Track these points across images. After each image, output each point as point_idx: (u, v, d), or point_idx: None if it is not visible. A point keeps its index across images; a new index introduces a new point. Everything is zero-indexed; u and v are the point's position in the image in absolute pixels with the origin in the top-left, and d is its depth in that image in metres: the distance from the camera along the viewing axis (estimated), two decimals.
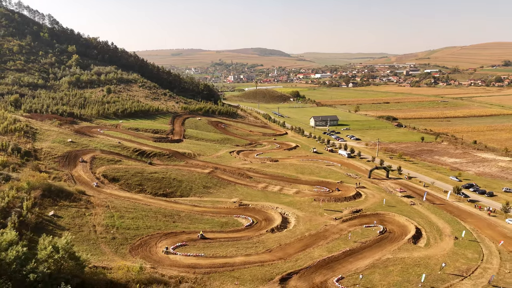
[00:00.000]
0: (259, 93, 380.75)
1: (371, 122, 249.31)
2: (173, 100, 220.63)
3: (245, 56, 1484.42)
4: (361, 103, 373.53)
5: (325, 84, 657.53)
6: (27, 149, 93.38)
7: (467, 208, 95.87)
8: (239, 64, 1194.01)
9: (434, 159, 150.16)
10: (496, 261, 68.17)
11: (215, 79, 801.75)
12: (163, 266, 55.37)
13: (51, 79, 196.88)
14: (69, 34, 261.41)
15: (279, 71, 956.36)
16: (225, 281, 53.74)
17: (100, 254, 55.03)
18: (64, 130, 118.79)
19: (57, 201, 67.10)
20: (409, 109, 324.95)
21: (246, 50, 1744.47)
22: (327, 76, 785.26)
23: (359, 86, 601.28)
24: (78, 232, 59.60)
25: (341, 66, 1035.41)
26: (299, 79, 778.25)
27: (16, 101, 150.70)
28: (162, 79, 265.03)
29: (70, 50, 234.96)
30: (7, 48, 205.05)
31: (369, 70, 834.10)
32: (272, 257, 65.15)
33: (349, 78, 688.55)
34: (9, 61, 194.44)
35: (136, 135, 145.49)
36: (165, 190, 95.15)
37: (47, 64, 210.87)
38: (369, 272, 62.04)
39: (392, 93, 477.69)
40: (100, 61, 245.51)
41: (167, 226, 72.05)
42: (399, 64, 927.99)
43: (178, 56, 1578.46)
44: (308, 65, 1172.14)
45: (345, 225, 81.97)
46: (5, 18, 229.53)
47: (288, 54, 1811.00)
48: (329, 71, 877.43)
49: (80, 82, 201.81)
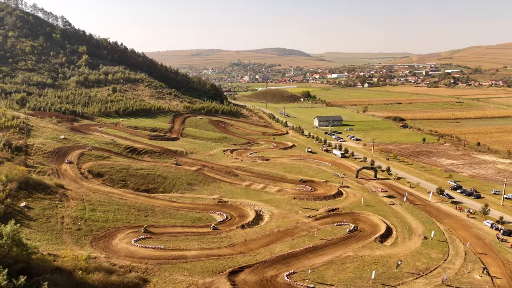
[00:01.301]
0: (269, 93, 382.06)
1: (377, 123, 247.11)
2: (177, 100, 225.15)
3: (264, 56, 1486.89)
4: (372, 103, 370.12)
5: (340, 84, 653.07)
6: (19, 145, 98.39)
7: (447, 209, 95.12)
8: (257, 64, 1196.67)
9: (430, 160, 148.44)
10: (459, 262, 67.97)
11: (231, 79, 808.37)
12: (118, 256, 58.14)
13: (60, 78, 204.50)
14: (81, 35, 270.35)
15: (296, 71, 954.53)
16: (175, 272, 56.02)
17: (60, 243, 58.30)
18: (59, 127, 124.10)
19: (32, 194, 71.01)
20: (421, 110, 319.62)
21: (265, 50, 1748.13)
22: (344, 76, 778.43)
23: (374, 87, 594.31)
24: (44, 223, 63.17)
25: (359, 66, 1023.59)
26: (314, 79, 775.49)
27: (23, 99, 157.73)
28: (170, 79, 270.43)
29: (81, 50, 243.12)
30: (19, 48, 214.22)
31: (387, 70, 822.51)
32: (232, 252, 67.06)
33: (365, 78, 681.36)
34: (21, 61, 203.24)
35: (133, 133, 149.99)
36: (147, 186, 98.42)
37: (57, 64, 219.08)
38: (324, 268, 63.14)
39: (407, 94, 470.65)
40: (110, 61, 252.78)
41: (137, 220, 74.99)
42: (419, 64, 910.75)
43: (197, 56, 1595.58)
44: (327, 65, 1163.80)
45: (317, 223, 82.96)
46: (20, 20, 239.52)
47: (307, 54, 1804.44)
48: (346, 71, 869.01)
49: (88, 81, 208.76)
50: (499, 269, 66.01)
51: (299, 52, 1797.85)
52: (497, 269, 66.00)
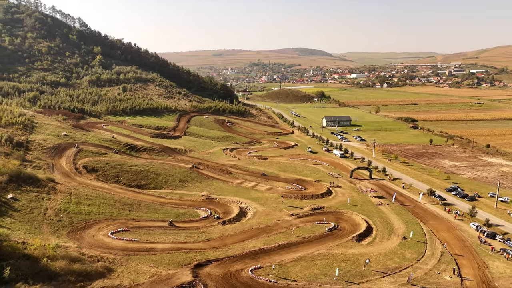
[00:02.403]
0: (283, 93, 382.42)
1: (387, 124, 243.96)
2: (186, 99, 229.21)
3: (285, 56, 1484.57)
4: (388, 104, 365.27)
5: (359, 84, 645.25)
6: (20, 140, 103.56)
7: (435, 210, 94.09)
8: (277, 64, 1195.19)
9: (433, 162, 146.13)
10: (432, 262, 67.66)
11: (249, 79, 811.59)
12: (91, 247, 61.04)
13: (74, 78, 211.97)
14: (97, 35, 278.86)
15: (315, 71, 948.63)
16: (142, 263, 58.42)
17: (37, 233, 61.72)
18: (62, 125, 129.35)
19: (22, 186, 75.09)
20: (436, 111, 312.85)
21: (286, 50, 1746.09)
22: (363, 76, 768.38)
23: (394, 87, 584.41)
24: (27, 214, 66.90)
25: (381, 66, 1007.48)
26: (333, 79, 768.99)
27: (35, 97, 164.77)
28: (181, 79, 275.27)
29: (96, 51, 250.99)
30: (36, 49, 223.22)
31: (408, 70, 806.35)
32: (206, 246, 69.01)
33: (385, 79, 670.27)
34: (37, 61, 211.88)
35: (137, 131, 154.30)
36: (140, 182, 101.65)
37: (72, 64, 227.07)
38: (292, 264, 64.22)
39: (426, 94, 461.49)
40: (123, 61, 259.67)
41: (120, 213, 78.04)
42: (443, 64, 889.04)
43: (219, 56, 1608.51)
44: (348, 65, 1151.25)
45: (298, 221, 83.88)
46: (38, 22, 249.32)
47: (329, 53, 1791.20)
48: (366, 71, 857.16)
49: (100, 80, 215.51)
50: (473, 271, 65.39)
51: (321, 52, 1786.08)
52: (471, 271, 65.41)
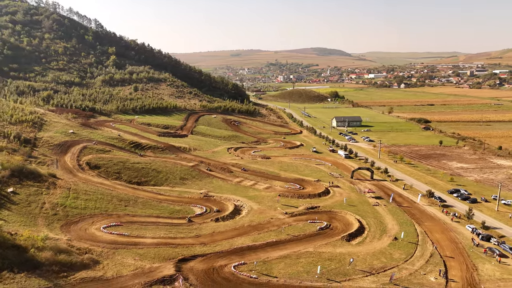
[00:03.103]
0: (296, 93, 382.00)
1: (399, 124, 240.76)
2: (196, 98, 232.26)
3: (303, 56, 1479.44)
4: (403, 104, 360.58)
5: (376, 84, 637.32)
6: (28, 137, 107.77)
7: (433, 212, 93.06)
8: (294, 64, 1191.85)
9: (439, 163, 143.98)
10: (420, 263, 67.25)
11: (265, 79, 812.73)
12: (81, 240, 63.44)
13: (88, 77, 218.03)
14: (112, 36, 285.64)
15: (333, 71, 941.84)
16: (128, 256, 60.36)
17: (32, 225, 64.57)
18: (70, 123, 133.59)
19: (23, 181, 78.42)
20: (452, 112, 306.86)
21: (305, 50, 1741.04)
22: (381, 77, 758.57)
23: (412, 87, 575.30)
24: (24, 207, 69.96)
25: (400, 66, 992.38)
26: (350, 79, 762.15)
27: (48, 96, 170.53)
28: (193, 78, 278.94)
29: (110, 51, 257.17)
30: (53, 49, 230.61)
31: (428, 70, 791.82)
32: (194, 242, 70.56)
33: (402, 79, 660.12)
34: (53, 61, 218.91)
35: (144, 130, 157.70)
36: (140, 179, 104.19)
37: (87, 64, 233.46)
38: (277, 261, 65.01)
39: (444, 95, 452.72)
40: (137, 61, 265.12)
41: (115, 208, 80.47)
42: (464, 64, 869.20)
43: (236, 56, 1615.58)
44: (367, 64, 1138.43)
45: (291, 220, 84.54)
46: (56, 23, 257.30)
47: (348, 53, 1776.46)
48: (385, 71, 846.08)
49: (113, 80, 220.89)
50: (460, 273, 64.72)
51: (340, 52, 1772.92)
52: (458, 273, 64.75)
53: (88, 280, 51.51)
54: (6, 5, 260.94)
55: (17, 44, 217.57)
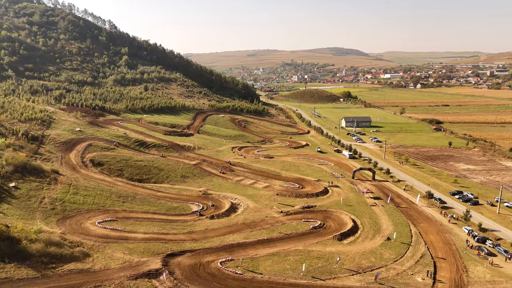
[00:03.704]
0: (307, 93, 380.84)
1: (409, 125, 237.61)
2: (206, 98, 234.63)
3: (319, 56, 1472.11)
4: (417, 105, 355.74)
5: (391, 84, 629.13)
6: (36, 135, 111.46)
7: (430, 213, 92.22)
8: (310, 64, 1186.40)
9: (446, 165, 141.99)
10: (409, 264, 67.05)
11: (279, 79, 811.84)
12: (74, 233, 65.65)
13: (100, 77, 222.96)
14: (125, 37, 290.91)
15: (349, 71, 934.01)
16: (117, 250, 62.21)
17: (29, 219, 67.19)
18: (78, 121, 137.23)
19: (25, 176, 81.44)
20: (467, 113, 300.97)
21: (321, 50, 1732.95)
22: (397, 77, 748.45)
23: (428, 87, 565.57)
24: (24, 201, 72.75)
25: (417, 65, 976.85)
26: (366, 79, 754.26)
27: (60, 95, 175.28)
28: (204, 78, 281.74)
29: (123, 51, 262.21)
30: (68, 50, 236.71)
31: (447, 70, 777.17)
32: (186, 238, 72.04)
33: (419, 79, 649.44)
34: (67, 61, 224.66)
35: (151, 128, 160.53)
36: (141, 176, 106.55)
37: (100, 64, 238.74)
38: (265, 258, 65.85)
39: (461, 96, 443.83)
40: (149, 62, 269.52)
41: (113, 204, 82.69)
42: (485, 64, 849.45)
43: (252, 56, 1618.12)
44: (384, 64, 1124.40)
45: (285, 218, 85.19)
46: (71, 24, 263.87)
47: (366, 53, 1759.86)
48: (401, 71, 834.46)
49: (124, 80, 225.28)
50: (449, 274, 64.31)
51: (357, 52, 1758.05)
52: (447, 274, 64.36)
53: (75, 271, 53.46)
54: (24, 6, 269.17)
55: (33, 44, 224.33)
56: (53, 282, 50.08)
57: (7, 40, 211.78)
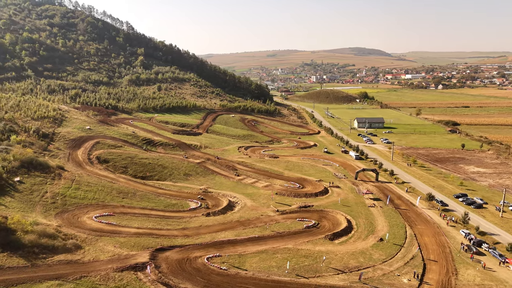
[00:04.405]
0: (323, 93, 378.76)
1: (424, 127, 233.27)
2: (218, 98, 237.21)
3: (340, 56, 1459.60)
4: (435, 106, 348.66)
5: (412, 85, 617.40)
6: (47, 132, 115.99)
7: (429, 215, 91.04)
8: (330, 64, 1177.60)
9: (455, 167, 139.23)
10: (398, 265, 66.79)
11: (297, 79, 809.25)
12: (70, 226, 68.45)
13: (116, 77, 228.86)
14: (142, 38, 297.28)
15: (369, 71, 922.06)
16: (109, 243, 64.56)
17: (29, 211, 70.46)
18: (89, 119, 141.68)
19: (31, 171, 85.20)
20: (487, 115, 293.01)
21: (342, 50, 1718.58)
22: (419, 77, 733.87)
23: (450, 88, 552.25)
24: (27, 195, 76.24)
25: (441, 66, 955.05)
26: (386, 80, 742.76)
27: (76, 95, 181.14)
28: (218, 78, 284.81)
29: (139, 52, 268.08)
30: (86, 51, 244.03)
31: (471, 71, 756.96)
32: (178, 234, 73.86)
33: (440, 80, 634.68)
34: (85, 61, 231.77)
35: (161, 127, 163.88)
36: (145, 173, 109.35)
37: (116, 64, 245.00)
38: (252, 255, 66.92)
39: (483, 97, 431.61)
40: (164, 62, 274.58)
41: (112, 200, 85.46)
42: (511, 64, 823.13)
43: (272, 57, 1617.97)
44: (406, 65, 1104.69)
45: (280, 217, 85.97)
46: (90, 26, 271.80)
47: (388, 53, 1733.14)
48: (424, 72, 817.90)
49: (139, 80, 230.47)
50: (438, 277, 63.74)
51: (379, 52, 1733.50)
52: (435, 276, 63.80)
53: (64, 262, 55.96)
54: (46, 9, 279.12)
55: (52, 45, 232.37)
56: (42, 272, 52.64)
57: (28, 41, 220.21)
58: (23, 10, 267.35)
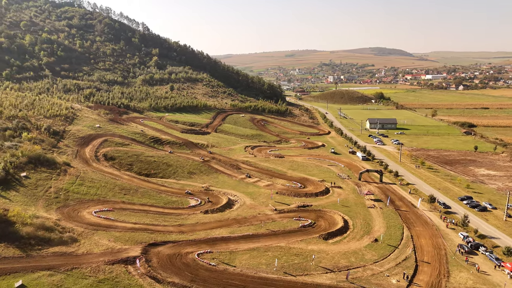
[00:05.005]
0: (338, 93, 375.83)
1: (438, 128, 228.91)
2: (229, 98, 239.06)
3: (360, 56, 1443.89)
4: (453, 107, 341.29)
5: (431, 85, 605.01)
6: (57, 130, 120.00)
7: (430, 217, 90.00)
8: (348, 64, 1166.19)
9: (465, 169, 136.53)
10: (389, 266, 66.65)
11: (315, 79, 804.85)
12: (69, 220, 71.02)
13: (130, 77, 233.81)
14: (157, 38, 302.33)
15: (389, 72, 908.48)
16: (104, 237, 66.74)
17: (31, 205, 73.42)
18: (99, 118, 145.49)
19: (37, 167, 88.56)
20: (506, 116, 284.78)
21: (362, 50, 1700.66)
22: (439, 77, 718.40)
23: (471, 89, 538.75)
24: (31, 189, 79.39)
25: (463, 66, 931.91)
26: (405, 80, 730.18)
27: (90, 94, 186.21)
28: (231, 78, 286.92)
29: (154, 52, 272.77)
30: (102, 51, 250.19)
31: (495, 71, 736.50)
32: (174, 230, 75.56)
33: (462, 80, 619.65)
34: (100, 62, 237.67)
35: (170, 126, 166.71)
36: (149, 171, 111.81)
37: (131, 64, 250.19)
38: (243, 252, 67.97)
39: (505, 98, 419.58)
40: (178, 62, 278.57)
41: (114, 196, 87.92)
42: None
43: (290, 57, 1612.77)
44: (428, 65, 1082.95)
45: (277, 216, 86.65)
46: (107, 27, 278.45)
47: (410, 53, 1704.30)
48: (445, 72, 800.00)
49: (153, 80, 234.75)
50: (428, 278, 63.34)
51: (400, 52, 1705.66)
52: (426, 278, 63.43)
53: (58, 254, 58.33)
54: (65, 10, 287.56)
55: (70, 46, 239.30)
56: (35, 262, 55.08)
57: (47, 42, 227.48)
58: (44, 11, 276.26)
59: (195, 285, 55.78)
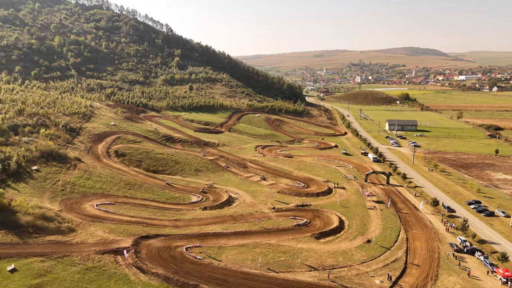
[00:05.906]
0: (361, 94, 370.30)
1: (461, 130, 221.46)
2: (247, 98, 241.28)
3: (391, 56, 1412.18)
4: (482, 109, 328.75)
5: (463, 86, 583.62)
6: (74, 127, 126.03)
7: (430, 220, 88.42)
8: (378, 64, 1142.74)
9: (481, 173, 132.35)
10: (376, 266, 66.42)
11: (342, 79, 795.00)
12: (70, 211, 75.14)
13: (152, 77, 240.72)
14: (179, 39, 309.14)
15: (420, 72, 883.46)
16: (100, 229, 70.23)
17: (37, 196, 78.17)
18: (115, 116, 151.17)
19: (49, 161, 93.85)
20: None
21: (394, 50, 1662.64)
22: (473, 78, 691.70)
23: (506, 91, 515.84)
24: (40, 182, 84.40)
25: (500, 66, 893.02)
26: (436, 81, 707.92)
27: (111, 93, 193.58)
28: (250, 78, 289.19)
29: (176, 53, 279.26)
30: (126, 52, 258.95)
31: None
32: (170, 224, 78.21)
33: (496, 81, 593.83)
34: (124, 62, 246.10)
35: (184, 125, 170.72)
36: (158, 167, 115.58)
37: (153, 65, 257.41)
38: (232, 248, 69.68)
39: None
40: (199, 63, 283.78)
41: (118, 190, 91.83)
42: None
43: (319, 57, 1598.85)
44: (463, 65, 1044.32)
45: (274, 214, 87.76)
46: (132, 28, 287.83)
47: (444, 53, 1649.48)
48: (480, 73, 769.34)
49: (173, 80, 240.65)
50: (414, 281, 62.78)
51: (435, 52, 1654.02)
52: (412, 280, 62.88)
53: (53, 242, 62.14)
54: (94, 13, 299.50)
55: (96, 47, 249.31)
56: (30, 248, 59.04)
57: (75, 43, 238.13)
58: (74, 14, 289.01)
59: (177, 276, 57.91)
